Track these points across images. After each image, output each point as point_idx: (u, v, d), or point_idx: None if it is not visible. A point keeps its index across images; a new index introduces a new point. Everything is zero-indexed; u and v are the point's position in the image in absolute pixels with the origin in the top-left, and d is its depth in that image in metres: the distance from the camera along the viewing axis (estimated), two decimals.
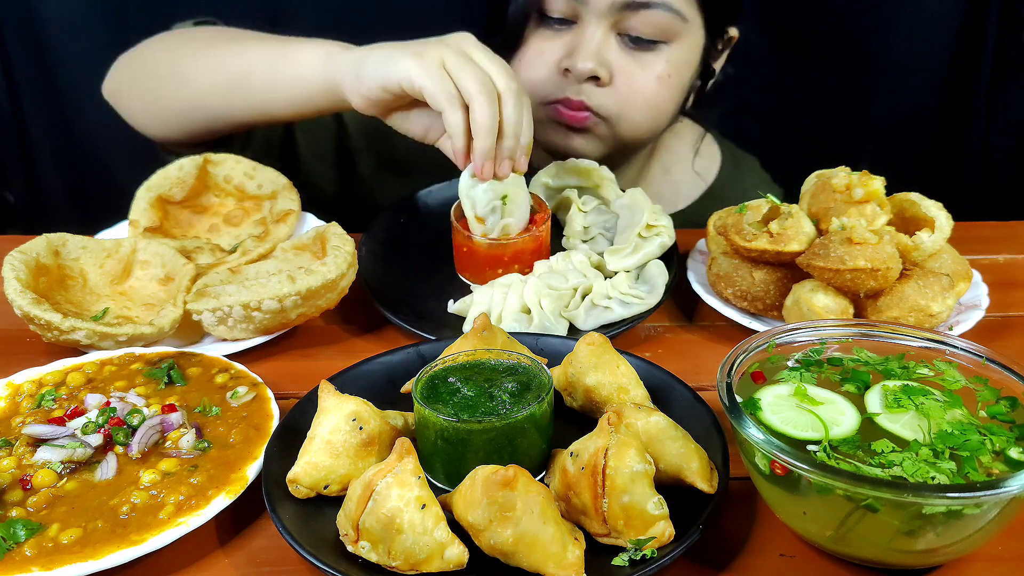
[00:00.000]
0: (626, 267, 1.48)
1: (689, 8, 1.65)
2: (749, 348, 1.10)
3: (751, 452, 0.99)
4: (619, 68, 1.66)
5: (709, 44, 1.75)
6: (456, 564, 0.96)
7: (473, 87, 1.33)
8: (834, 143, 2.45)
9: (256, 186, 1.66)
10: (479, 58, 1.37)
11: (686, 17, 1.65)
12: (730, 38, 1.82)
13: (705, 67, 1.79)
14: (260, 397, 1.22)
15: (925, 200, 1.42)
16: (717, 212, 1.54)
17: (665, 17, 1.62)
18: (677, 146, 1.99)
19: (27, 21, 2.25)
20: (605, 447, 0.98)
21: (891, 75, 2.35)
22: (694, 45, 1.72)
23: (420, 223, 1.68)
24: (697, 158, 1.99)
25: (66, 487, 1.08)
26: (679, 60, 1.69)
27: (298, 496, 1.05)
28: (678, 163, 1.99)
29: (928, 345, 1.13)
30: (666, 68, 1.68)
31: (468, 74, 1.34)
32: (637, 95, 1.68)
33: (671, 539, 0.97)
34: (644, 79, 1.67)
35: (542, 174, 1.67)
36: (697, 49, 1.73)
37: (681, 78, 1.73)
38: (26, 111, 2.38)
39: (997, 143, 2.38)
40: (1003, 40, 2.26)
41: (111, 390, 1.24)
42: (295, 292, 1.33)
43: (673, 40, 1.67)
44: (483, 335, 1.19)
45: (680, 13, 1.63)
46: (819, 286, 1.34)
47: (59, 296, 1.42)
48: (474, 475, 0.98)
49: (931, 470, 0.93)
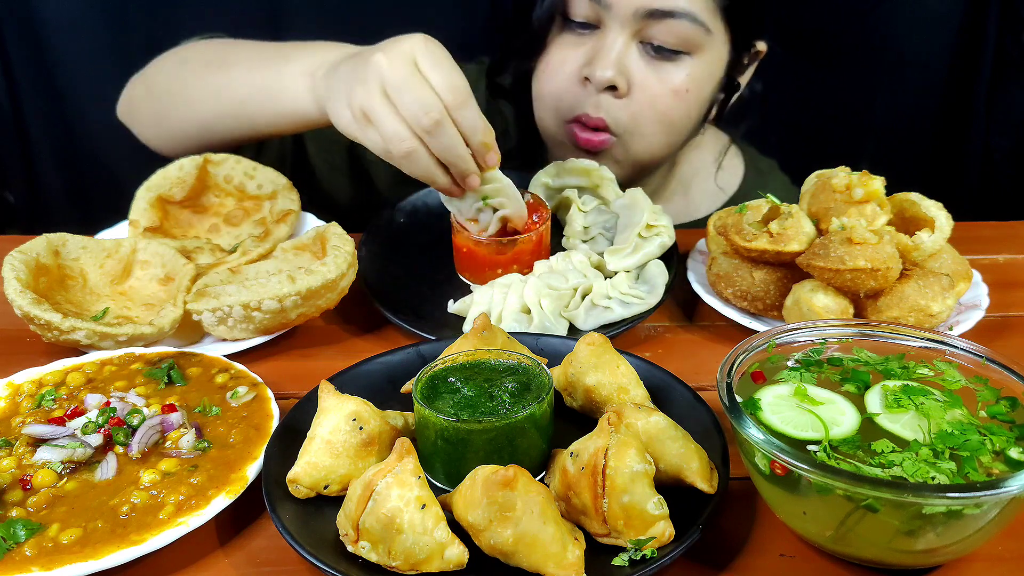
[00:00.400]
0: (626, 267, 1.48)
1: (714, 20, 1.63)
2: (749, 348, 1.10)
3: (751, 452, 0.99)
4: (637, 79, 1.64)
5: (735, 58, 1.73)
6: (456, 564, 0.96)
7: (414, 124, 1.29)
8: (834, 143, 2.45)
9: (256, 186, 1.66)
10: (427, 69, 1.30)
11: (710, 29, 1.62)
12: (757, 52, 1.79)
13: (729, 81, 1.76)
14: (260, 397, 1.22)
15: (925, 200, 1.42)
16: (717, 212, 1.54)
17: (689, 28, 1.60)
18: (698, 158, 1.96)
19: (27, 21, 2.25)
20: (605, 447, 0.98)
21: (891, 75, 2.35)
22: (717, 58, 1.69)
23: (420, 223, 1.68)
24: (720, 171, 1.96)
25: (66, 487, 1.08)
26: (700, 73, 1.67)
27: (298, 496, 1.05)
28: (697, 175, 1.97)
29: (928, 345, 1.13)
30: (685, 82, 1.65)
31: (405, 113, 1.29)
32: (653, 108, 1.66)
33: (671, 539, 0.97)
34: (661, 91, 1.65)
35: (542, 174, 1.67)
36: (721, 62, 1.71)
37: (701, 92, 1.70)
38: (26, 111, 2.38)
39: (997, 143, 2.38)
40: (1003, 40, 2.26)
41: (111, 390, 1.24)
42: (295, 292, 1.33)
43: (695, 52, 1.64)
44: (483, 335, 1.19)
45: (704, 24, 1.61)
46: (819, 286, 1.34)
47: (59, 296, 1.42)
48: (474, 475, 0.98)
49: (931, 470, 0.93)
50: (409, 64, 1.30)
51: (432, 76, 1.30)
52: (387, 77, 1.29)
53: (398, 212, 1.69)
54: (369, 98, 1.31)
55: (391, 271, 1.56)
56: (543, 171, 1.67)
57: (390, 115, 1.30)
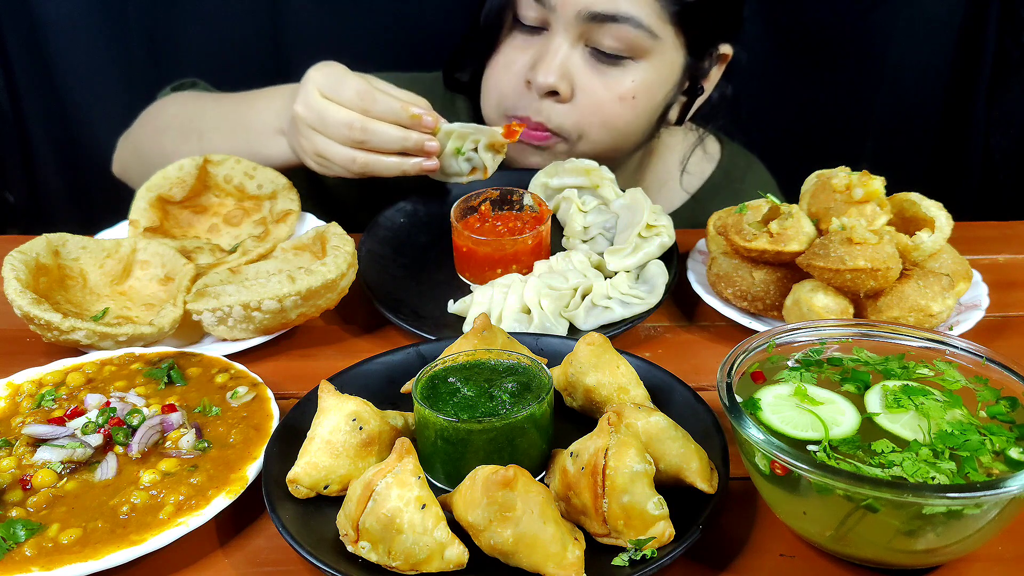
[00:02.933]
0: (626, 267, 1.48)
1: (661, 25, 1.60)
2: (749, 348, 1.10)
3: (751, 452, 0.99)
4: (582, 84, 1.63)
5: (693, 63, 1.70)
6: (456, 564, 0.96)
7: (350, 143, 1.48)
8: (834, 143, 2.45)
9: (256, 186, 1.66)
10: (330, 93, 1.47)
11: (657, 34, 1.60)
12: (722, 55, 1.76)
13: (692, 85, 1.74)
14: (260, 397, 1.22)
15: (925, 200, 1.42)
16: (717, 212, 1.54)
17: (632, 33, 1.58)
18: (669, 156, 1.96)
19: (27, 21, 2.25)
20: (605, 447, 0.98)
21: (891, 75, 2.35)
22: (668, 63, 1.66)
23: (420, 223, 1.68)
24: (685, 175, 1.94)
25: (66, 487, 1.08)
26: (647, 80, 1.65)
27: (298, 496, 1.05)
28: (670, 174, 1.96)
29: (928, 345, 1.13)
30: (631, 88, 1.63)
31: (338, 138, 1.48)
32: (597, 114, 1.65)
33: (671, 539, 0.97)
34: (607, 97, 1.63)
35: (541, 174, 1.67)
36: (673, 67, 1.68)
37: (651, 99, 1.68)
38: (26, 111, 2.38)
39: (997, 143, 2.38)
40: (1003, 41, 2.26)
41: (111, 390, 1.24)
42: (295, 292, 1.33)
43: (642, 57, 1.62)
44: (483, 335, 1.19)
45: (649, 29, 1.59)
46: (819, 286, 1.34)
47: (59, 296, 1.42)
48: (474, 475, 0.98)
49: (931, 470, 0.93)
50: (317, 99, 1.48)
51: (338, 95, 1.47)
52: (309, 120, 1.49)
53: (398, 212, 1.69)
54: (312, 144, 1.51)
55: (391, 271, 1.56)
56: (543, 171, 1.67)
57: (331, 146, 1.49)
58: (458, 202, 1.56)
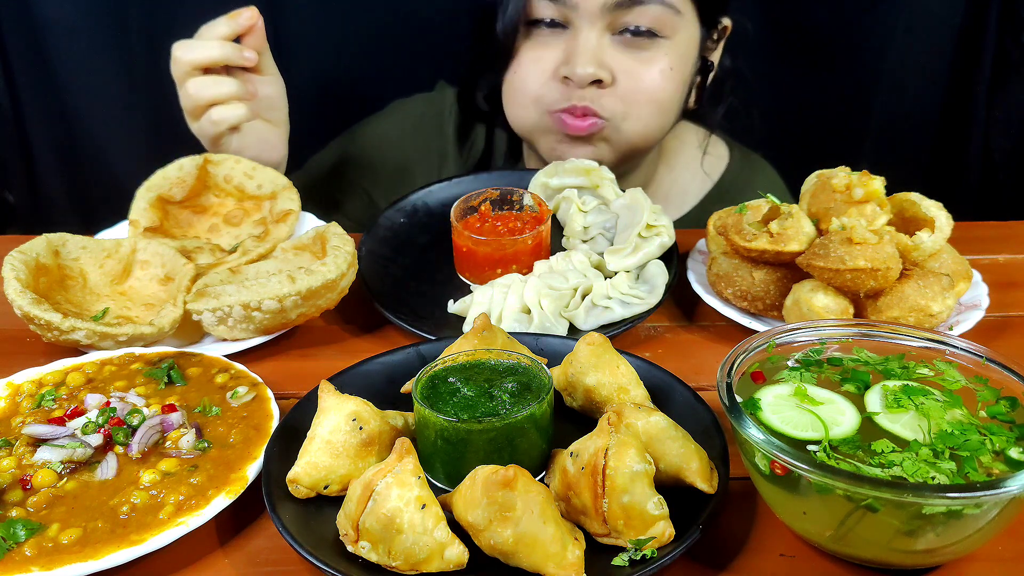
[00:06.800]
0: (626, 267, 1.48)
1: (682, 1, 1.66)
2: (749, 348, 1.10)
3: (751, 452, 0.99)
4: (620, 68, 1.66)
5: (704, 36, 1.75)
6: (456, 564, 0.96)
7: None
8: (834, 143, 2.45)
9: (256, 186, 1.66)
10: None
11: (679, 9, 1.65)
12: (724, 27, 1.82)
13: (703, 61, 1.79)
14: (260, 397, 1.22)
15: (925, 200, 1.42)
16: (717, 212, 1.54)
17: (658, 11, 1.63)
18: (681, 149, 1.99)
19: (27, 21, 2.25)
20: (605, 447, 0.98)
21: (891, 75, 2.34)
22: (690, 38, 1.71)
23: (420, 223, 1.68)
24: (705, 156, 1.98)
25: (66, 487, 1.08)
26: (678, 54, 1.69)
27: (298, 496, 1.05)
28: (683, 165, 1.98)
29: (928, 345, 1.13)
30: (668, 61, 1.67)
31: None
32: (642, 93, 1.68)
33: (671, 539, 0.97)
34: (648, 75, 1.67)
35: (541, 174, 1.67)
36: (694, 42, 1.73)
37: (683, 72, 1.72)
38: (26, 111, 2.38)
39: (997, 143, 2.38)
40: (1003, 41, 2.26)
41: (111, 390, 1.24)
42: (295, 292, 1.33)
43: (669, 35, 1.67)
44: (483, 335, 1.19)
45: (673, 6, 1.64)
46: (819, 286, 1.34)
47: (59, 296, 1.42)
48: (474, 475, 0.98)
49: (931, 470, 0.93)
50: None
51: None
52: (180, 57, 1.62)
53: (398, 212, 1.69)
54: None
55: (391, 271, 1.56)
56: (543, 171, 1.67)
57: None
58: (458, 202, 1.56)
